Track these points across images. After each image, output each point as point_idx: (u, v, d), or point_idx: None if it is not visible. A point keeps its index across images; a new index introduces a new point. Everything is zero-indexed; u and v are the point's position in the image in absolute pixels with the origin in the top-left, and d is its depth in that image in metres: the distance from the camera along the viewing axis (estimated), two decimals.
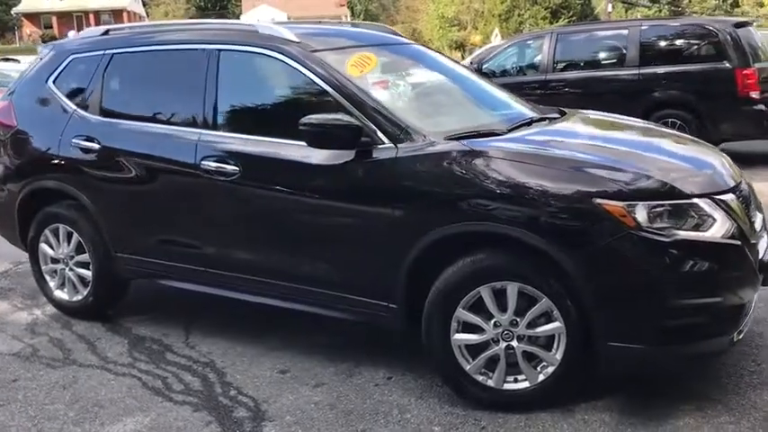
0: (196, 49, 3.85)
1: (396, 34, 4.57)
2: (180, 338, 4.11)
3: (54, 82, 4.40)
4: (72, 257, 4.36)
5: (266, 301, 3.72)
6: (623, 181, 2.92)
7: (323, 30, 4.24)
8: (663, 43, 8.92)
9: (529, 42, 10.34)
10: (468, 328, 3.13)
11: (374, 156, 3.26)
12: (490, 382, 3.15)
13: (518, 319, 3.06)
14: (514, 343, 3.08)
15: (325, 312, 3.55)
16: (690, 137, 3.94)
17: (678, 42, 8.84)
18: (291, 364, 3.71)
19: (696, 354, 3.00)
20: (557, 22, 36.54)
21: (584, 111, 4.29)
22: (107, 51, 4.22)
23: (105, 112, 4.15)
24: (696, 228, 2.89)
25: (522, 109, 4.06)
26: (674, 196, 2.91)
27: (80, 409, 3.37)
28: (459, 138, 3.27)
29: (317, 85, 3.48)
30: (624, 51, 8.95)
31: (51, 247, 4.43)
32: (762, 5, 42.09)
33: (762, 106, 8.24)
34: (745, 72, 8.15)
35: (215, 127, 3.74)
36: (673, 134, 4.03)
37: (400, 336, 3.54)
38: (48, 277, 4.52)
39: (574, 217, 2.88)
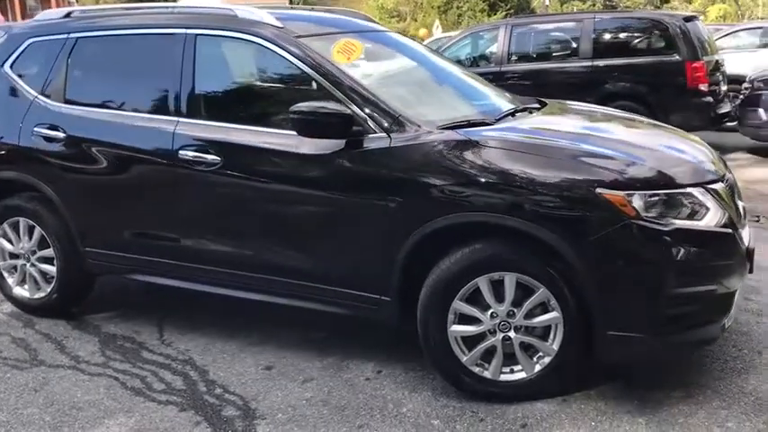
0: (172, 34, 3.68)
1: (372, 21, 4.48)
2: (154, 336, 3.95)
3: (11, 67, 4.15)
4: (34, 252, 4.14)
5: (250, 296, 3.60)
6: (621, 170, 2.92)
7: (302, 15, 4.12)
8: (615, 36, 9.07)
9: (483, 34, 10.37)
10: (464, 319, 3.10)
11: (366, 145, 3.17)
12: (486, 374, 3.12)
13: (515, 310, 3.04)
14: (512, 334, 3.06)
15: (314, 306, 3.46)
16: (672, 127, 3.99)
17: (630, 35, 9.01)
18: (275, 360, 3.61)
19: (692, 341, 3.03)
20: (495, 14, 36.88)
21: (564, 101, 4.30)
22: (71, 35, 4.00)
23: (70, 100, 3.94)
24: (691, 217, 2.92)
25: (502, 98, 4.04)
26: (670, 186, 2.93)
27: (56, 412, 3.19)
28: (452, 127, 3.22)
29: (304, 72, 3.37)
30: (577, 43, 9.07)
31: (10, 241, 4.19)
32: (690, 2, 43.54)
33: (710, 98, 8.48)
34: (694, 65, 8.36)
35: (193, 115, 3.58)
36: (655, 124, 4.07)
37: (385, 329, 3.49)
38: (6, 274, 4.28)
39: (575, 207, 2.87)
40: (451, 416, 3.06)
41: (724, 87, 9.08)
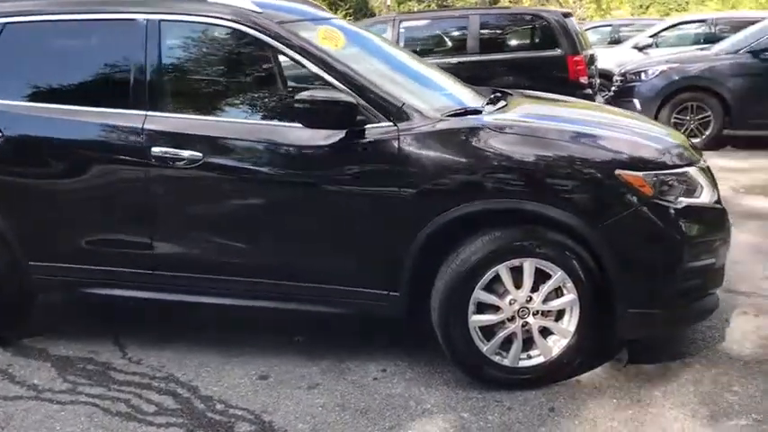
0: (133, 19, 3.32)
1: (320, 9, 4.31)
2: (116, 354, 3.56)
3: None
4: None
5: (236, 303, 3.34)
6: (635, 152, 3.01)
7: (271, 2, 3.86)
8: (501, 31, 9.40)
9: (370, 29, 10.33)
10: (482, 308, 3.05)
11: (371, 135, 3.04)
12: (506, 362, 3.10)
13: (532, 296, 3.04)
14: (530, 319, 3.06)
15: (312, 308, 3.27)
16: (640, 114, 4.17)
17: (515, 30, 9.37)
18: (267, 368, 3.38)
19: (698, 313, 3.18)
20: (336, 13, 37.05)
21: (522, 90, 4.37)
22: None
23: (3, 94, 3.46)
24: (691, 194, 3.06)
25: (465, 88, 4.04)
26: (675, 166, 3.06)
27: None
28: (454, 115, 3.16)
29: (297, 60, 3.17)
30: (464, 38, 9.30)
31: None
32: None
33: (589, 90, 9.00)
34: (575, 59, 8.83)
35: (165, 108, 3.27)
36: (625, 112, 4.24)
37: (365, 326, 3.49)
38: None
39: (596, 189, 2.92)
40: (478, 407, 3.01)
41: (597, 80, 9.69)
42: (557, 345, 3.10)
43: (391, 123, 3.05)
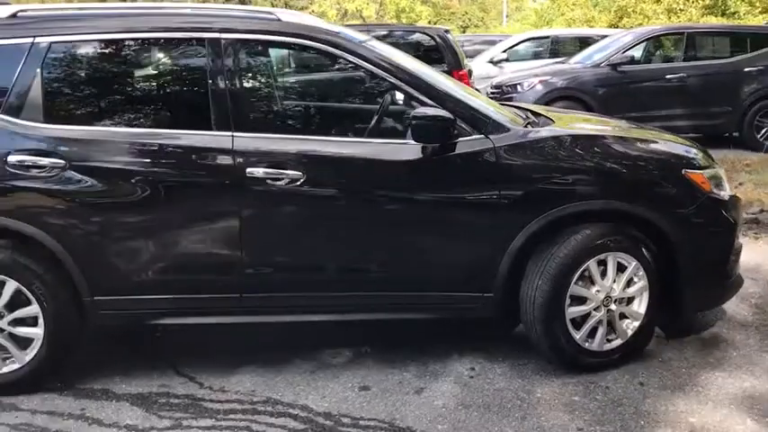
0: (210, 38, 3.21)
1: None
2: (190, 385, 3.42)
3: None
4: (1, 316, 3.25)
5: (333, 318, 3.39)
6: (691, 154, 3.52)
7: (322, 22, 3.87)
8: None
9: None
10: (575, 300, 3.37)
11: (467, 147, 3.25)
12: (594, 347, 3.44)
13: (614, 285, 3.41)
14: (613, 306, 3.43)
15: (412, 316, 3.43)
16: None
17: (404, 47, 9.77)
18: (360, 380, 3.44)
19: (735, 288, 3.72)
20: None
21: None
22: (37, 39, 3.23)
23: (56, 118, 3.20)
24: (723, 188, 3.61)
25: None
26: (711, 166, 3.59)
27: None
28: (530, 125, 3.47)
29: (384, 79, 3.30)
30: None
31: None
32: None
33: None
34: (459, 73, 9.42)
35: (254, 128, 3.23)
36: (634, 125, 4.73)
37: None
38: None
39: (671, 187, 3.36)
40: (581, 391, 3.32)
41: None
42: (629, 327, 3.50)
43: (483, 135, 3.28)
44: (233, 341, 3.81)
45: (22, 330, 3.28)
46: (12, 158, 3.12)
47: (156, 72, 3.35)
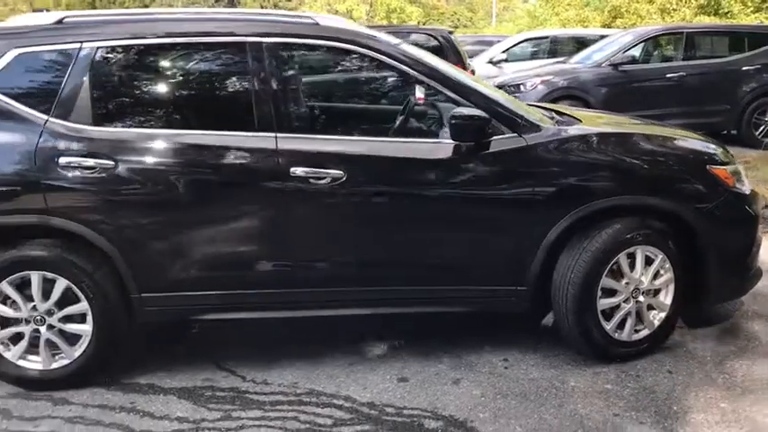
0: (252, 42, 3.31)
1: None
2: (233, 379, 3.52)
3: None
4: (51, 313, 3.35)
5: (375, 311, 3.48)
6: (713, 151, 3.65)
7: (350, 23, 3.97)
8: None
9: None
10: (605, 292, 3.50)
11: (502, 145, 3.37)
12: (623, 337, 3.57)
13: (642, 278, 3.54)
14: (641, 298, 3.56)
15: (449, 309, 3.55)
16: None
17: None
18: (398, 371, 3.55)
19: (755, 279, 3.85)
20: None
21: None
22: (85, 44, 3.33)
23: (105, 120, 3.30)
24: (742, 182, 3.75)
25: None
26: (732, 162, 3.73)
27: None
28: (560, 124, 3.60)
29: (418, 79, 3.41)
30: None
31: (13, 304, 3.33)
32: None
33: None
34: (465, 72, 9.55)
35: (297, 129, 3.34)
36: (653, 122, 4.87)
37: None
38: (0, 347, 3.38)
39: (698, 182, 3.49)
40: (613, 379, 3.45)
41: None
42: (656, 318, 3.63)
43: (516, 134, 3.40)
44: (267, 336, 3.91)
45: (72, 327, 3.37)
46: (62, 160, 3.21)
47: (199, 75, 3.44)
